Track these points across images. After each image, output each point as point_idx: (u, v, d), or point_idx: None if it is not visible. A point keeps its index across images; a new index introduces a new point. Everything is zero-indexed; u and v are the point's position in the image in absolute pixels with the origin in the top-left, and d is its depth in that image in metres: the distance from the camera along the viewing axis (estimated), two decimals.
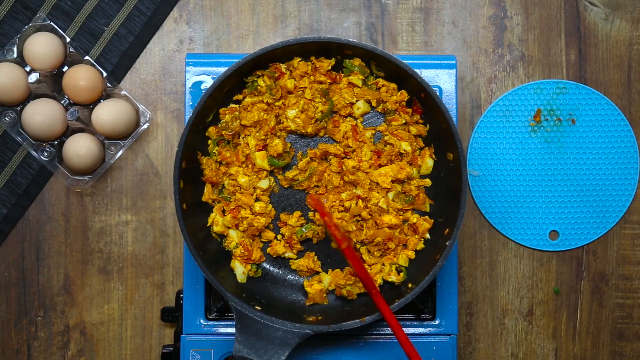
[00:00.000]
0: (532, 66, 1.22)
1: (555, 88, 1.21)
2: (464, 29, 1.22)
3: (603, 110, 1.21)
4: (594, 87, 1.22)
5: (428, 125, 1.10)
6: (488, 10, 1.22)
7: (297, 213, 1.12)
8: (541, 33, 1.22)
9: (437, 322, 1.14)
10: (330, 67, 1.10)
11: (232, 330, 1.13)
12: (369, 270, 1.10)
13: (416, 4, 1.22)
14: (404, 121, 1.10)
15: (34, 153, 1.18)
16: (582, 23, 1.23)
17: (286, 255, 1.12)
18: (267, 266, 1.13)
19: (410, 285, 1.07)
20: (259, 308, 1.06)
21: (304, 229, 1.11)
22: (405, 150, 1.10)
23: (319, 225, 1.11)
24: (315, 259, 1.12)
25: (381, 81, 1.10)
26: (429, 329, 1.14)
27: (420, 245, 1.10)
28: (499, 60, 1.22)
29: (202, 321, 1.13)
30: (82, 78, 1.16)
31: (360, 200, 1.09)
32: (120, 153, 1.19)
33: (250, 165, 1.11)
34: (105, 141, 1.18)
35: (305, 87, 1.10)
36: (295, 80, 1.10)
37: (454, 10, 1.22)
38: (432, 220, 1.10)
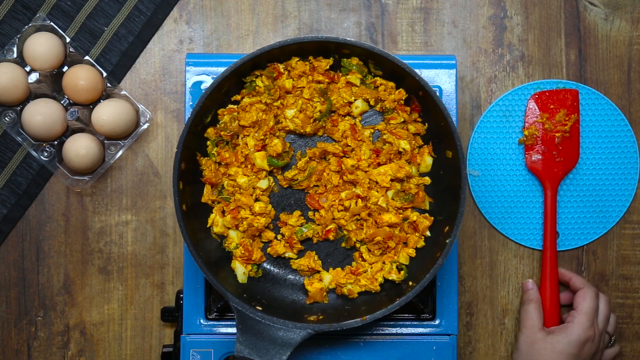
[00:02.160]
0: (532, 66, 1.22)
1: (555, 88, 1.21)
2: (464, 29, 1.22)
3: (603, 110, 1.21)
4: (594, 87, 1.21)
5: (426, 124, 1.10)
6: (488, 10, 1.22)
7: (297, 213, 1.12)
8: (541, 33, 1.22)
9: (437, 322, 1.14)
10: (328, 67, 1.10)
11: (232, 330, 1.13)
12: (369, 269, 1.10)
13: (416, 4, 1.22)
14: (402, 119, 1.10)
15: (34, 153, 1.18)
16: (582, 23, 1.22)
17: (286, 255, 1.12)
18: (268, 266, 1.13)
19: (410, 283, 1.07)
20: (260, 308, 1.06)
21: (304, 229, 1.11)
22: (404, 149, 1.10)
23: (318, 224, 1.11)
24: (315, 258, 1.12)
25: (379, 80, 1.10)
26: (429, 329, 1.14)
27: (421, 243, 1.10)
28: (499, 60, 1.22)
29: (202, 321, 1.13)
30: (82, 78, 1.16)
31: (359, 199, 1.09)
32: (120, 153, 1.19)
33: (249, 166, 1.11)
34: (105, 141, 1.19)
35: (304, 87, 1.10)
36: (293, 80, 1.10)
37: (454, 10, 1.22)
38: (432, 218, 1.10)
